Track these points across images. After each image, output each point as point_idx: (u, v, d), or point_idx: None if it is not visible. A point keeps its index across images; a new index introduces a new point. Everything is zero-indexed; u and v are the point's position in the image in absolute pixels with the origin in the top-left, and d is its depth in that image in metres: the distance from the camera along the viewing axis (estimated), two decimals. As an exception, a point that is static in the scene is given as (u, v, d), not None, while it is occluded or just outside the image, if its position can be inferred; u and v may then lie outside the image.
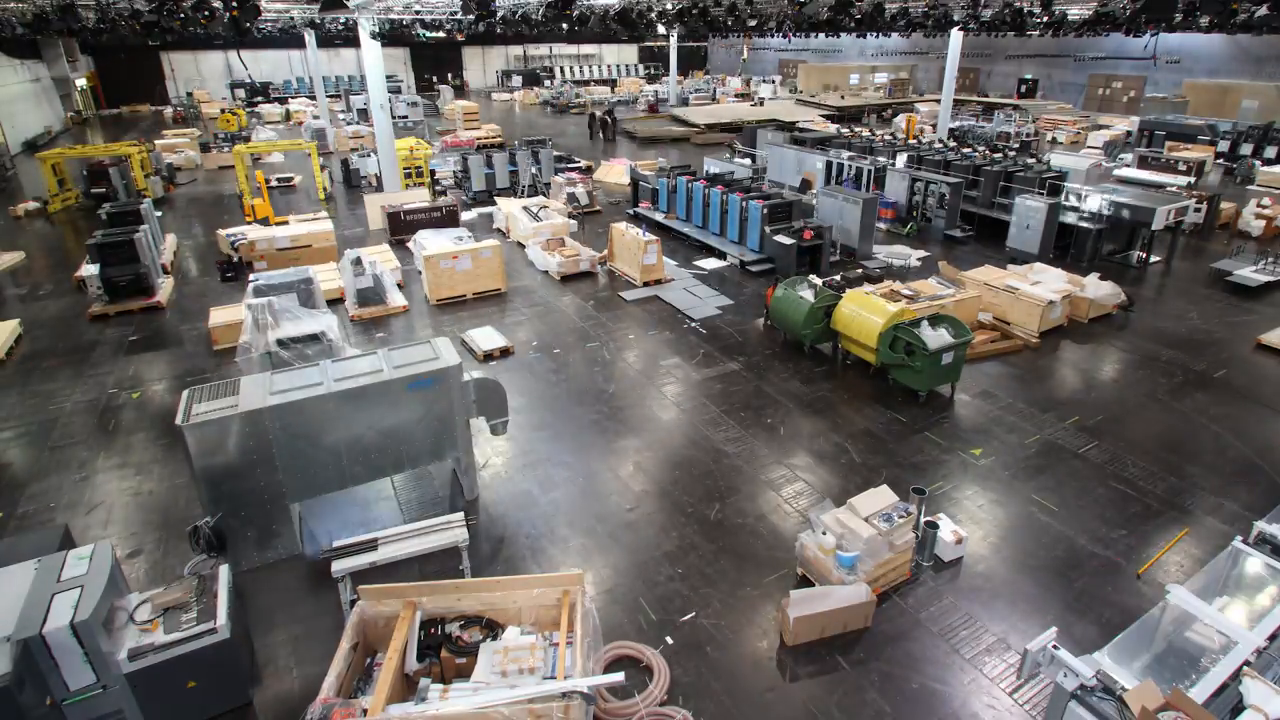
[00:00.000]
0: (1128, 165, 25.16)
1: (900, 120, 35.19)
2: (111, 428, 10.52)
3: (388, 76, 30.65)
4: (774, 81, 51.91)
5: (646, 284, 15.71)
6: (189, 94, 50.99)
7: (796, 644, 6.63)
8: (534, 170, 23.36)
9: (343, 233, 19.58)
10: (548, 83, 57.97)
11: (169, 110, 46.17)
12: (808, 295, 12.05)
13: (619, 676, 5.49)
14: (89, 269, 14.80)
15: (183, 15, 14.95)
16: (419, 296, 15.34)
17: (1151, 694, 4.42)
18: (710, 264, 17.22)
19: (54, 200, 23.05)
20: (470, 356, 12.48)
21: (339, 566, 6.61)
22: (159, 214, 18.25)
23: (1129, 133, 31.06)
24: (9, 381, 11.89)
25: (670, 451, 9.82)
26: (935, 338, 10.55)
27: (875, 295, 11.86)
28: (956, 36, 26.91)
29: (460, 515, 7.27)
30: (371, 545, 6.87)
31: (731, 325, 13.78)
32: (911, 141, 25.54)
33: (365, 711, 5.14)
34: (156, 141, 30.39)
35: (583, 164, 26.68)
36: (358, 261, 14.47)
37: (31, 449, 10.03)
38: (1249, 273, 15.51)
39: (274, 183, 25.07)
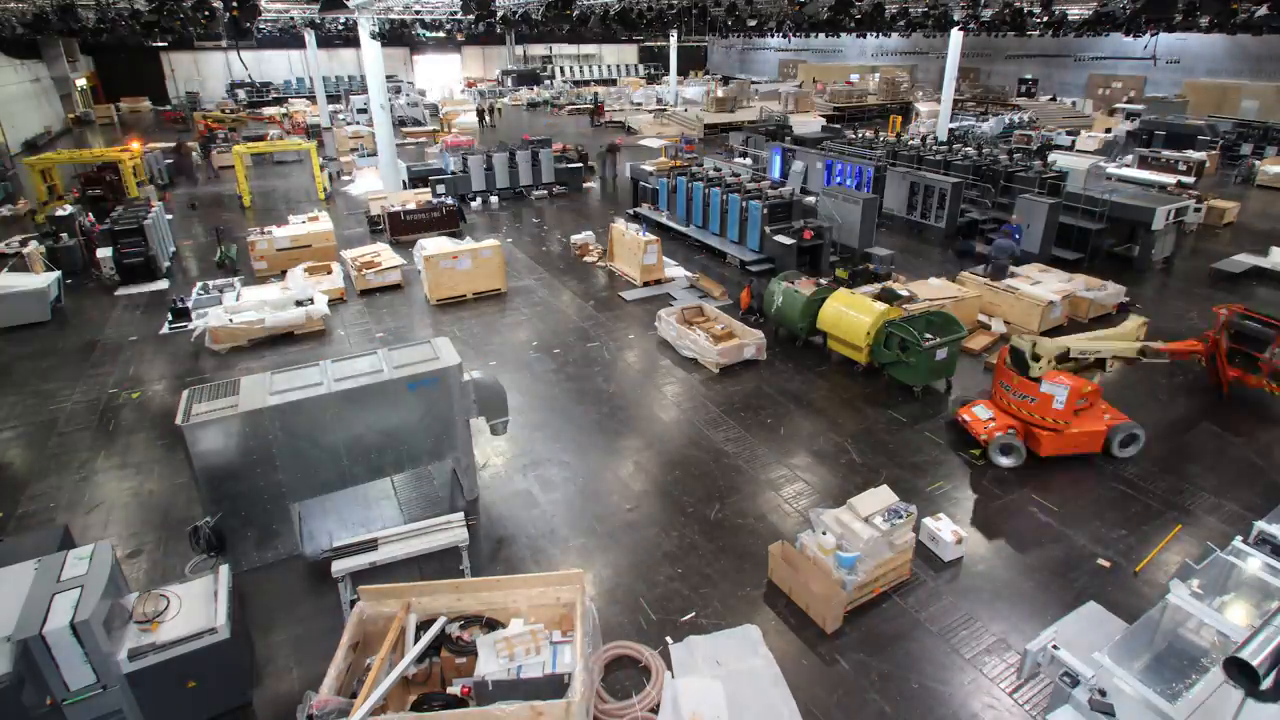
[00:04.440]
0: (1128, 165, 25.16)
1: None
2: (111, 428, 10.53)
3: (388, 76, 30.63)
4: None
5: (646, 284, 15.68)
6: (188, 93, 50.98)
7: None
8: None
9: (343, 232, 19.58)
10: (548, 82, 57.95)
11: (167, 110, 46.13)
12: (804, 290, 12.32)
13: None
14: (104, 251, 16.21)
15: (182, 15, 14.94)
16: (419, 297, 15.35)
17: None
18: (711, 263, 17.21)
19: (41, 210, 21.06)
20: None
21: (339, 566, 6.62)
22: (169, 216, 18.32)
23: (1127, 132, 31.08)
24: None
25: (670, 451, 9.82)
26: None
27: (859, 294, 11.94)
28: (956, 36, 26.89)
29: (460, 515, 7.28)
30: (372, 545, 6.87)
31: (731, 325, 13.76)
32: (911, 141, 25.50)
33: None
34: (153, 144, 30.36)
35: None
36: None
37: (30, 449, 10.05)
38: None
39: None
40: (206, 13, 13.94)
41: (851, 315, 11.43)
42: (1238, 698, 4.56)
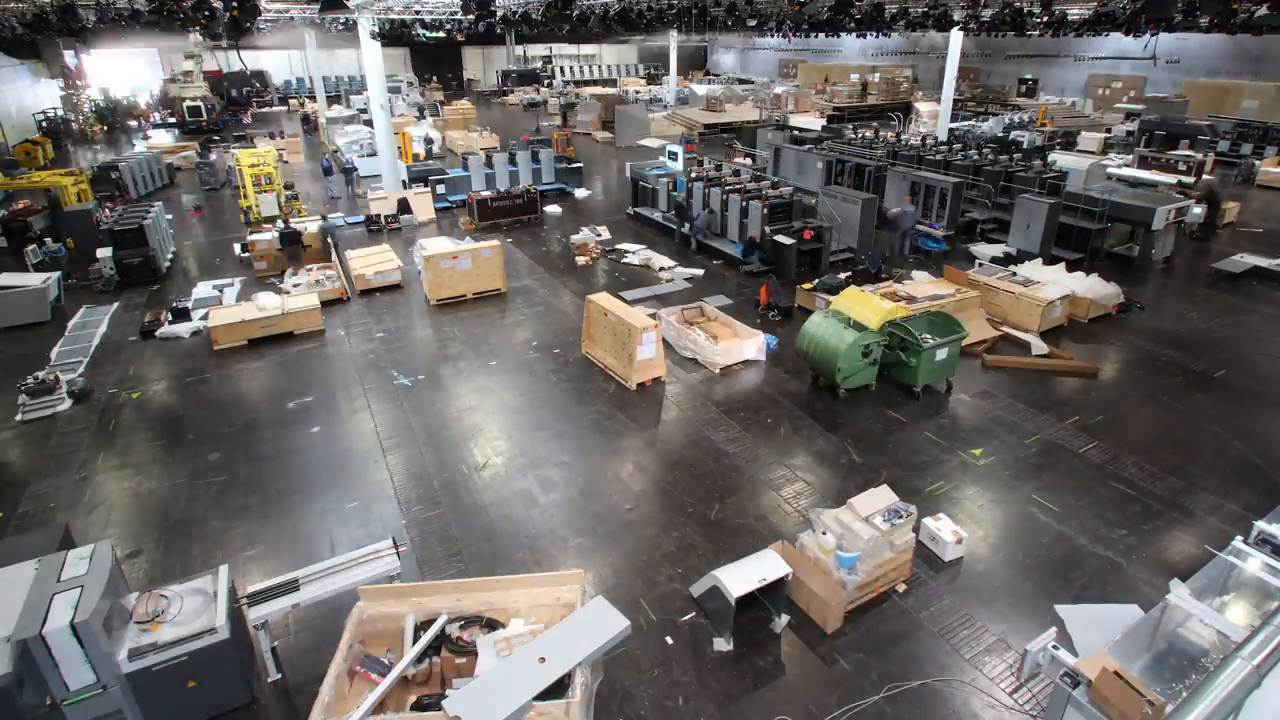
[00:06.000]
0: (1127, 165, 25.20)
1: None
2: (112, 428, 10.53)
3: (388, 76, 30.62)
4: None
5: (642, 385, 11.37)
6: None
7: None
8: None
9: (343, 232, 19.60)
10: (548, 82, 57.94)
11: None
12: (848, 334, 10.61)
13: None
14: (103, 252, 16.05)
15: (182, 15, 14.95)
16: (419, 296, 15.35)
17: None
18: (711, 263, 17.21)
19: None
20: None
21: (256, 614, 6.03)
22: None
23: (1130, 132, 31.14)
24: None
25: (670, 451, 9.82)
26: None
27: (870, 293, 11.83)
28: (956, 36, 26.89)
29: (389, 543, 6.77)
30: (293, 586, 6.28)
31: (731, 325, 13.76)
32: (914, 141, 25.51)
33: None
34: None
35: None
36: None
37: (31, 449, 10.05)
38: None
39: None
40: (206, 12, 13.95)
41: (861, 313, 11.23)
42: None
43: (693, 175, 19.43)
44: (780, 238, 15.96)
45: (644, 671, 6.42)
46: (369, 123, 28.33)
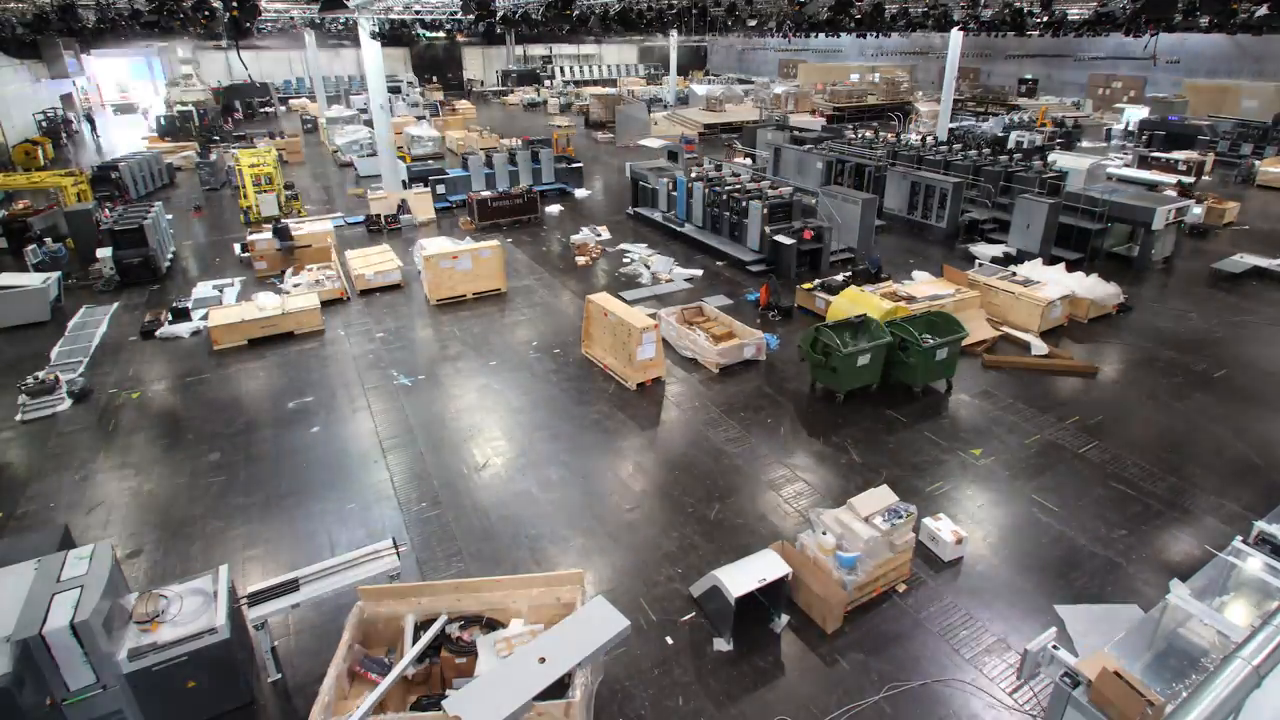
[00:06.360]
0: (1127, 165, 25.21)
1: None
2: (111, 428, 10.52)
3: (388, 76, 30.63)
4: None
5: (642, 385, 11.45)
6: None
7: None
8: None
9: (343, 232, 19.61)
10: (548, 83, 57.94)
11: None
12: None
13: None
14: (103, 252, 16.05)
15: (183, 15, 14.96)
16: (419, 296, 15.35)
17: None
18: (711, 263, 17.21)
19: None
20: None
21: (256, 613, 6.02)
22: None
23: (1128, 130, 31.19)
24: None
25: (670, 451, 9.81)
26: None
27: (869, 293, 11.82)
28: (956, 36, 26.90)
29: (389, 542, 6.74)
30: (293, 586, 6.26)
31: (731, 325, 13.75)
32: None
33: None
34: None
35: None
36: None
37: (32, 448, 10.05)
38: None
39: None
40: (206, 13, 13.97)
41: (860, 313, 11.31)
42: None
43: (693, 175, 19.44)
44: (780, 238, 15.96)
45: (644, 671, 6.43)
46: (369, 123, 28.31)
